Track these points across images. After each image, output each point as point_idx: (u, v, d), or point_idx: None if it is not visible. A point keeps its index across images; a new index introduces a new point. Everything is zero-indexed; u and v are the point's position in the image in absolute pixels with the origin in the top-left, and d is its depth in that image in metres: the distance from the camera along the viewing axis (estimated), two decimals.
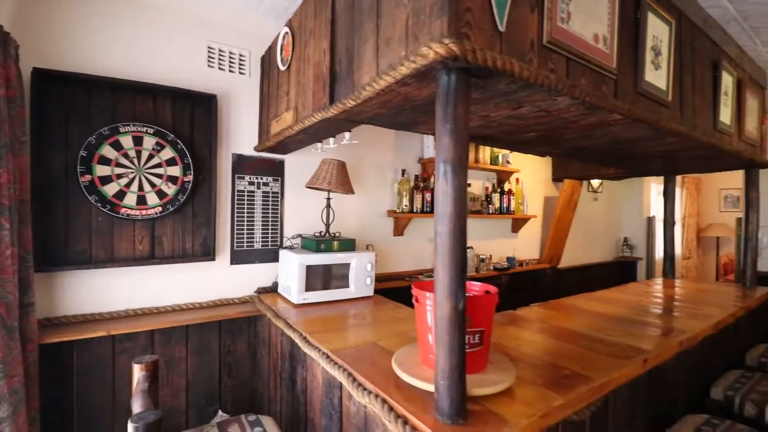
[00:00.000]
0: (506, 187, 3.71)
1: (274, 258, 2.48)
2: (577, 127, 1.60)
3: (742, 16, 2.12)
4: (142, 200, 2.04)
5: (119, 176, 2.00)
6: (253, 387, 2.36)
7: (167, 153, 2.11)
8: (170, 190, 2.11)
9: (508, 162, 3.66)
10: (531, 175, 4.07)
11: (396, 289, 2.79)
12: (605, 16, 1.33)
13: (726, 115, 2.19)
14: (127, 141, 2.02)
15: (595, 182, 4.73)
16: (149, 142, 2.06)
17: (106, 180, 1.96)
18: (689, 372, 1.92)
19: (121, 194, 2.00)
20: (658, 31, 1.60)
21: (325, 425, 1.51)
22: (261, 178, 2.43)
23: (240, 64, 2.37)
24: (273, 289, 2.46)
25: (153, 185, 2.07)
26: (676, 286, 2.95)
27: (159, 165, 2.09)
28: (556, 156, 2.39)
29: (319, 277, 2.21)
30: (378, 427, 1.18)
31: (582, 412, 1.20)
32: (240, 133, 2.38)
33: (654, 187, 5.44)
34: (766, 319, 2.92)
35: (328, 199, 2.42)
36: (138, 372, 1.44)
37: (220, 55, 2.31)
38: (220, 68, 2.31)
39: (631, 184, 5.09)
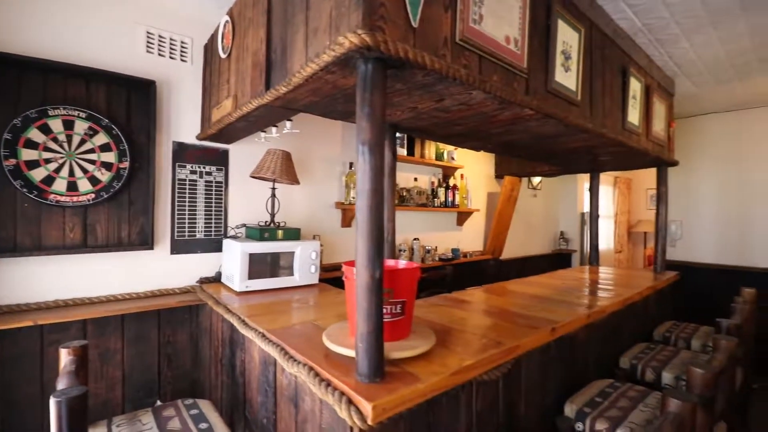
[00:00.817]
0: (451, 182, 3.90)
1: (217, 248, 2.47)
2: (497, 121, 1.75)
3: (647, 29, 2.40)
4: (72, 186, 1.97)
5: (48, 161, 1.93)
6: (195, 377, 2.35)
7: (101, 138, 2.05)
8: (104, 176, 2.05)
9: (452, 158, 3.85)
10: (475, 171, 4.30)
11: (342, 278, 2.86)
12: (516, 21, 1.48)
13: (634, 116, 2.47)
14: (56, 125, 1.95)
15: (535, 180, 5.07)
16: (81, 126, 2.00)
17: (33, 164, 1.88)
18: (600, 344, 2.14)
19: (49, 180, 1.92)
20: (568, 37, 1.79)
21: (261, 402, 1.56)
22: (204, 167, 2.42)
23: (182, 52, 2.35)
24: (216, 279, 2.45)
25: (85, 171, 2.01)
26: (598, 272, 3.26)
27: (92, 150, 2.03)
28: (490, 150, 2.57)
29: (262, 266, 2.24)
30: (306, 394, 1.25)
31: (492, 372, 1.34)
32: (181, 121, 2.36)
33: (587, 185, 5.90)
34: (673, 300, 3.30)
35: (273, 188, 2.45)
36: (65, 356, 1.42)
37: (160, 41, 2.27)
38: (160, 54, 2.28)
39: (567, 182, 5.49)
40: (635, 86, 2.45)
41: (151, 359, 2.21)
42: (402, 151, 3.42)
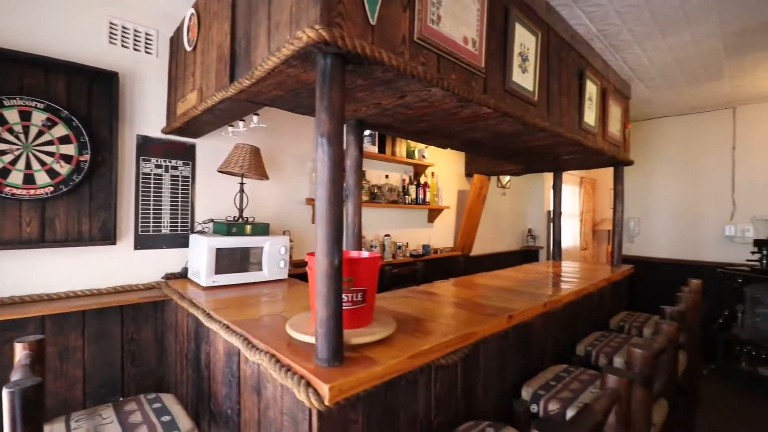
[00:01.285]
0: (422, 180, 3.99)
1: (183, 243, 2.44)
2: (459, 118, 1.83)
3: (602, 34, 2.54)
4: (29, 179, 1.92)
5: (3, 153, 1.86)
6: (160, 374, 2.32)
7: (60, 130, 2.00)
8: (63, 169, 2.00)
9: (423, 156, 3.93)
10: (445, 169, 4.40)
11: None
12: (474, 22, 1.55)
13: (590, 117, 2.60)
14: (12, 115, 1.88)
15: (504, 179, 5.23)
16: (39, 117, 1.94)
17: None
18: (557, 332, 2.26)
19: (4, 172, 1.86)
20: (525, 40, 1.88)
21: (226, 393, 1.57)
22: (170, 162, 2.39)
23: (146, 43, 2.31)
24: (183, 275, 2.43)
25: (43, 164, 1.95)
26: (560, 266, 3.41)
27: (50, 142, 1.97)
28: (456, 148, 2.66)
29: (230, 260, 2.23)
30: (269, 381, 1.28)
31: (450, 357, 1.41)
32: (146, 114, 2.32)
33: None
34: (628, 291, 3.49)
35: (242, 183, 2.44)
36: (20, 351, 1.39)
37: (123, 32, 2.23)
38: (123, 46, 2.23)
39: (534, 181, 5.69)
40: (591, 89, 2.59)
41: (114, 357, 2.17)
42: (373, 149, 3.47)
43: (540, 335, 2.07)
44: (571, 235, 6.76)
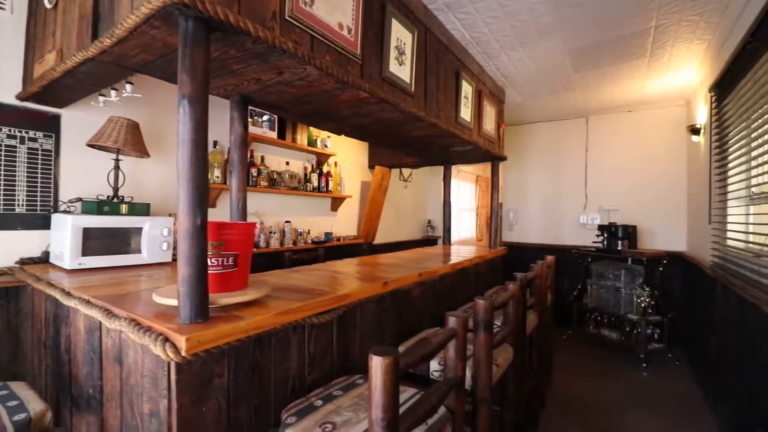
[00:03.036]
0: (325, 168, 4.07)
1: (44, 224, 2.20)
2: (341, 102, 1.95)
3: (475, 41, 2.89)
4: None
5: None
6: (14, 370, 2.06)
7: None
8: None
9: (326, 146, 4.02)
10: (348, 160, 4.55)
11: None
12: (350, 11, 1.69)
13: (466, 113, 2.94)
14: None
15: (406, 173, 5.56)
16: None
17: None
18: (435, 300, 2.52)
19: None
20: (402, 35, 2.08)
21: (87, 373, 1.49)
22: (26, 132, 2.12)
23: None
24: (44, 260, 2.18)
25: None
26: (447, 249, 3.77)
27: None
28: (348, 134, 2.79)
29: (100, 241, 2.07)
30: (130, 348, 1.26)
31: (323, 316, 1.52)
32: None
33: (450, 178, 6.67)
34: (504, 269, 3.99)
35: (117, 160, 2.28)
36: None
37: None
38: None
39: (433, 176, 6.15)
40: (467, 88, 2.93)
41: None
42: (272, 135, 3.46)
43: (417, 302, 2.30)
44: (468, 228, 7.43)
